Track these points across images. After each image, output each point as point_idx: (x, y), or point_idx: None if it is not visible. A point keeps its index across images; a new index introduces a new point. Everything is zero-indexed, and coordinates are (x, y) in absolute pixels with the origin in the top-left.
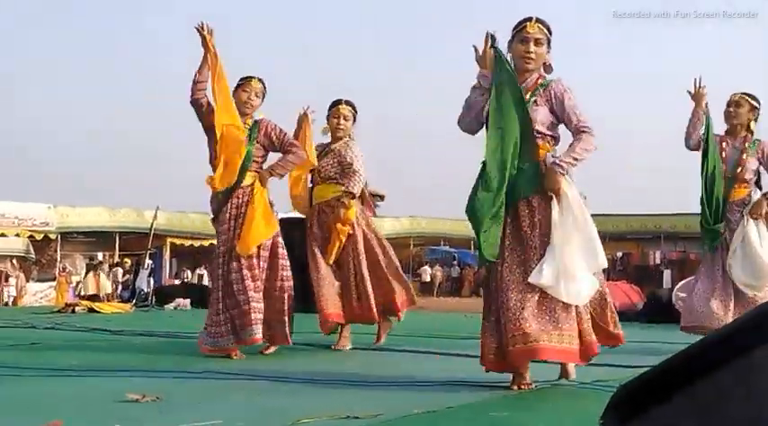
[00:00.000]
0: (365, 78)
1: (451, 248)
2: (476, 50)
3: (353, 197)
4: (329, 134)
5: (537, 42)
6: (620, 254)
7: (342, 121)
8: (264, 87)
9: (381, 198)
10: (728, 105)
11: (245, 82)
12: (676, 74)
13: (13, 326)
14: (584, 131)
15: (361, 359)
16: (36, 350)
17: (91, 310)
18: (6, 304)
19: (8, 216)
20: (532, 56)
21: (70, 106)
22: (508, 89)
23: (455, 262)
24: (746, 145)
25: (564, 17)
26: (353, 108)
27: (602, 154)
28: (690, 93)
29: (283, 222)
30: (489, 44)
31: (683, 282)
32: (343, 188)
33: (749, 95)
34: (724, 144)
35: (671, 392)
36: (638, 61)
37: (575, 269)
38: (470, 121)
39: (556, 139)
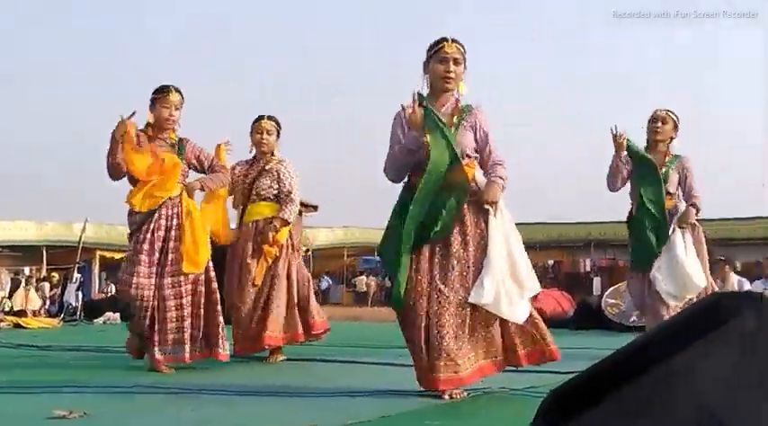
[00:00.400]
0: (366, 78)
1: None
2: (404, 109)
3: (287, 224)
4: (252, 150)
5: (455, 62)
6: (551, 262)
7: (265, 136)
8: (182, 97)
9: (315, 208)
10: (654, 121)
11: (162, 96)
12: (627, 74)
13: None
14: (500, 164)
15: (295, 371)
16: None
17: (17, 325)
18: None
19: None
20: (452, 75)
21: None
22: (440, 139)
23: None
24: (666, 159)
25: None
26: (277, 123)
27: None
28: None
29: None
30: (418, 103)
31: (612, 289)
32: (280, 213)
33: (673, 113)
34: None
35: (598, 397)
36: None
37: (512, 287)
38: (398, 174)
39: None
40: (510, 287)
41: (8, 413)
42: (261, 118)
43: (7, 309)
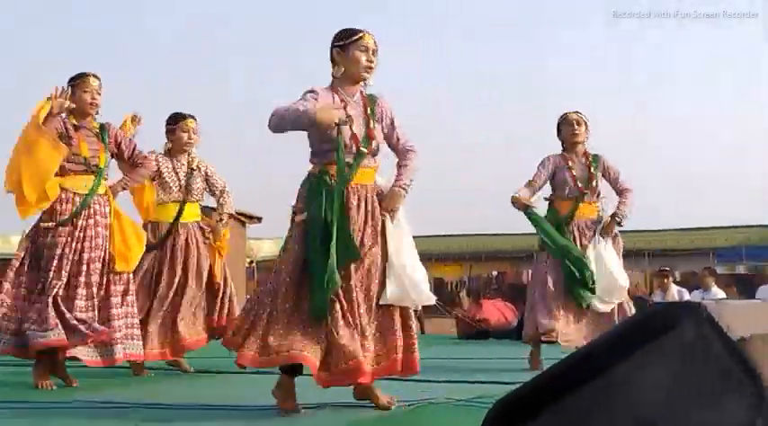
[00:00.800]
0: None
1: None
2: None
3: (231, 217)
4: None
5: (374, 53)
6: (495, 273)
7: (192, 136)
8: (101, 84)
9: (259, 219)
10: (570, 124)
11: (81, 80)
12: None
13: None
14: (411, 150)
15: (228, 383)
16: None
17: None
18: None
19: None
20: (373, 65)
21: None
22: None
23: None
24: (590, 161)
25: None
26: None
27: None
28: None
29: None
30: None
31: None
32: (225, 209)
33: (584, 114)
34: (570, 162)
35: (540, 408)
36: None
37: (415, 275)
38: (278, 130)
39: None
40: (413, 274)
41: None
42: (186, 116)
43: None
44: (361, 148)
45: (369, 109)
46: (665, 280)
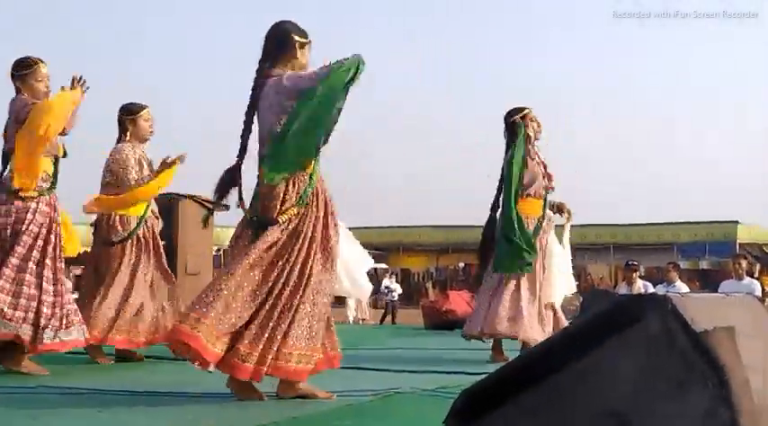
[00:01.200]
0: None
1: None
2: None
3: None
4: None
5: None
6: (462, 265)
7: (152, 125)
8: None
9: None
10: (533, 120)
11: (33, 70)
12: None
13: None
14: None
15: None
16: None
17: None
18: None
19: None
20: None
21: None
22: None
23: None
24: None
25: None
26: None
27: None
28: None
29: None
30: None
31: None
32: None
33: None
34: (537, 157)
35: (504, 398)
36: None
37: (353, 267)
38: None
39: None
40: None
41: None
42: (144, 106)
43: None
44: None
45: None
46: (633, 274)
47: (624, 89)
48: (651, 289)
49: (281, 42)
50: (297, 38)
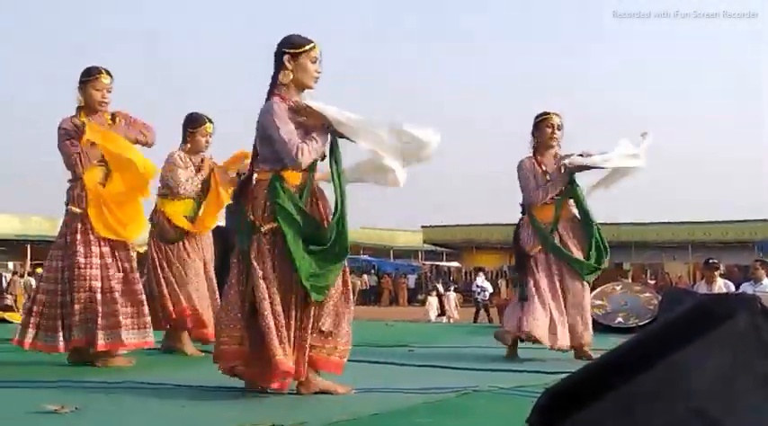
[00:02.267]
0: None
1: (371, 257)
2: None
3: None
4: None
5: (320, 64)
6: None
7: (209, 139)
8: (112, 81)
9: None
10: (555, 128)
11: (93, 78)
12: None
13: None
14: None
15: None
16: None
17: (2, 320)
18: None
19: None
20: (319, 76)
21: None
22: None
23: (372, 271)
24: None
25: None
26: None
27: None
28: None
29: None
30: None
31: (597, 290)
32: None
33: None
34: (543, 166)
35: (593, 396)
36: None
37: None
38: None
39: None
40: None
41: None
42: (207, 119)
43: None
44: None
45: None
46: (714, 273)
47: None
48: (732, 288)
49: (275, 62)
50: (287, 50)
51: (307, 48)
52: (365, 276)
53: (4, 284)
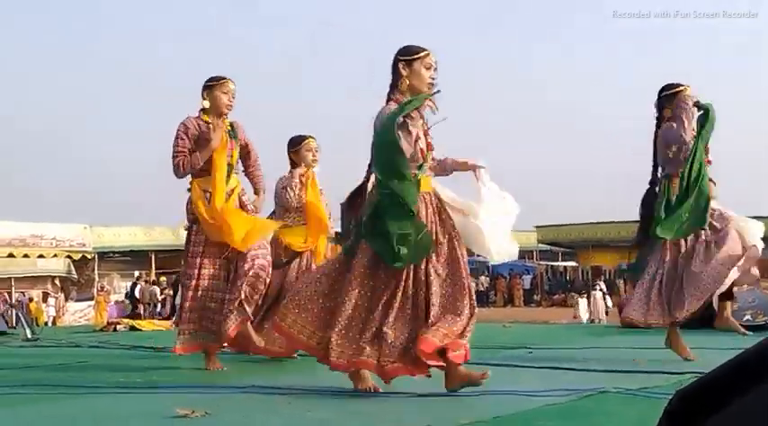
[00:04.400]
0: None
1: (485, 258)
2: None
3: None
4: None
5: (436, 71)
6: None
7: (317, 155)
8: (236, 90)
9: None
10: (683, 100)
11: (220, 83)
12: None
13: (57, 346)
14: None
15: None
16: (83, 369)
17: (132, 328)
18: (46, 323)
19: (46, 237)
20: (435, 82)
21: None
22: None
23: (485, 273)
24: None
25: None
26: None
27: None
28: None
29: None
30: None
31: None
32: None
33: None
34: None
35: (724, 401)
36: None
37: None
38: None
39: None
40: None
41: (133, 412)
42: (307, 137)
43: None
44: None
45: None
46: None
47: None
48: None
49: (392, 72)
50: (401, 58)
51: (421, 55)
52: (481, 278)
53: (137, 294)
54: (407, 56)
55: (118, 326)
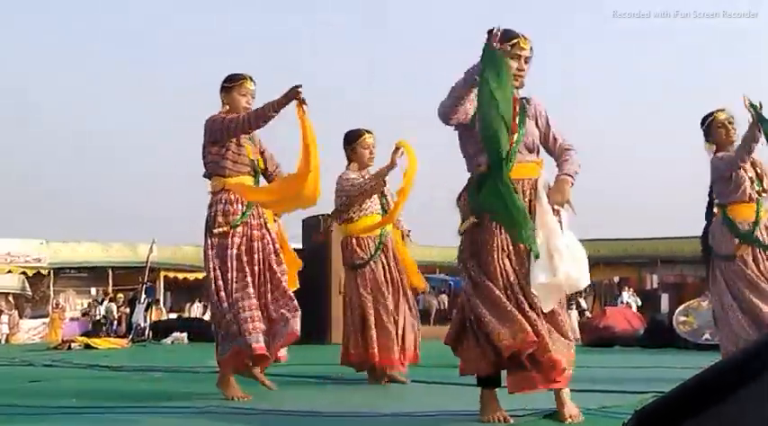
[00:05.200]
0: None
1: (447, 276)
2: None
3: None
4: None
5: (527, 61)
6: (617, 279)
7: (374, 151)
8: (255, 88)
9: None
10: (720, 126)
11: (238, 83)
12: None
13: (10, 364)
14: (570, 149)
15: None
16: (35, 389)
17: (87, 346)
18: None
19: (0, 252)
20: (523, 74)
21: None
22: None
23: (446, 290)
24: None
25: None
26: None
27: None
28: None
29: None
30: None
31: (683, 306)
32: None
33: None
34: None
35: (680, 421)
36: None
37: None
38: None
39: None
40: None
41: None
42: (365, 131)
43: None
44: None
45: (518, 114)
46: None
47: None
48: None
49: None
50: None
51: (508, 44)
52: (441, 295)
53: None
54: (505, 41)
55: (72, 344)
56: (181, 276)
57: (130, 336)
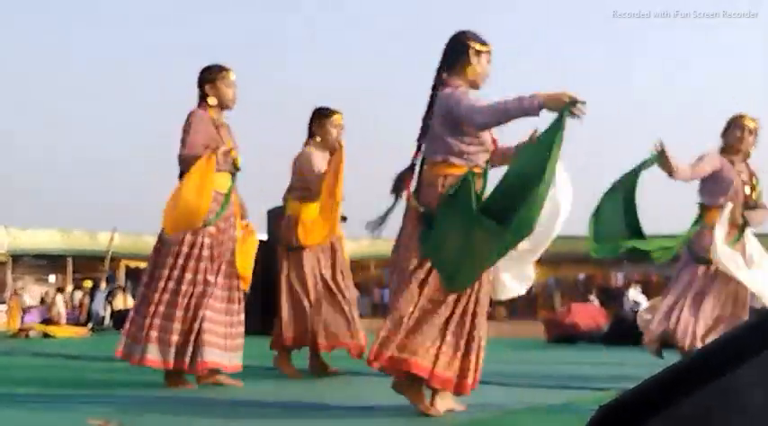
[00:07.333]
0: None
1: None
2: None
3: None
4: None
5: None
6: (581, 276)
7: (341, 132)
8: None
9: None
10: (751, 133)
11: (224, 74)
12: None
13: None
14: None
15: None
16: None
17: (45, 335)
18: None
19: None
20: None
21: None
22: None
23: None
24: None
25: None
26: None
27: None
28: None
29: None
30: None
31: (648, 304)
32: None
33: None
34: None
35: (646, 416)
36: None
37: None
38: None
39: None
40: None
41: (44, 424)
42: (335, 111)
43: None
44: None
45: None
46: None
47: None
48: None
49: (455, 50)
50: (473, 45)
51: (482, 48)
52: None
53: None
54: (482, 45)
55: (30, 332)
56: (143, 265)
57: (90, 325)
